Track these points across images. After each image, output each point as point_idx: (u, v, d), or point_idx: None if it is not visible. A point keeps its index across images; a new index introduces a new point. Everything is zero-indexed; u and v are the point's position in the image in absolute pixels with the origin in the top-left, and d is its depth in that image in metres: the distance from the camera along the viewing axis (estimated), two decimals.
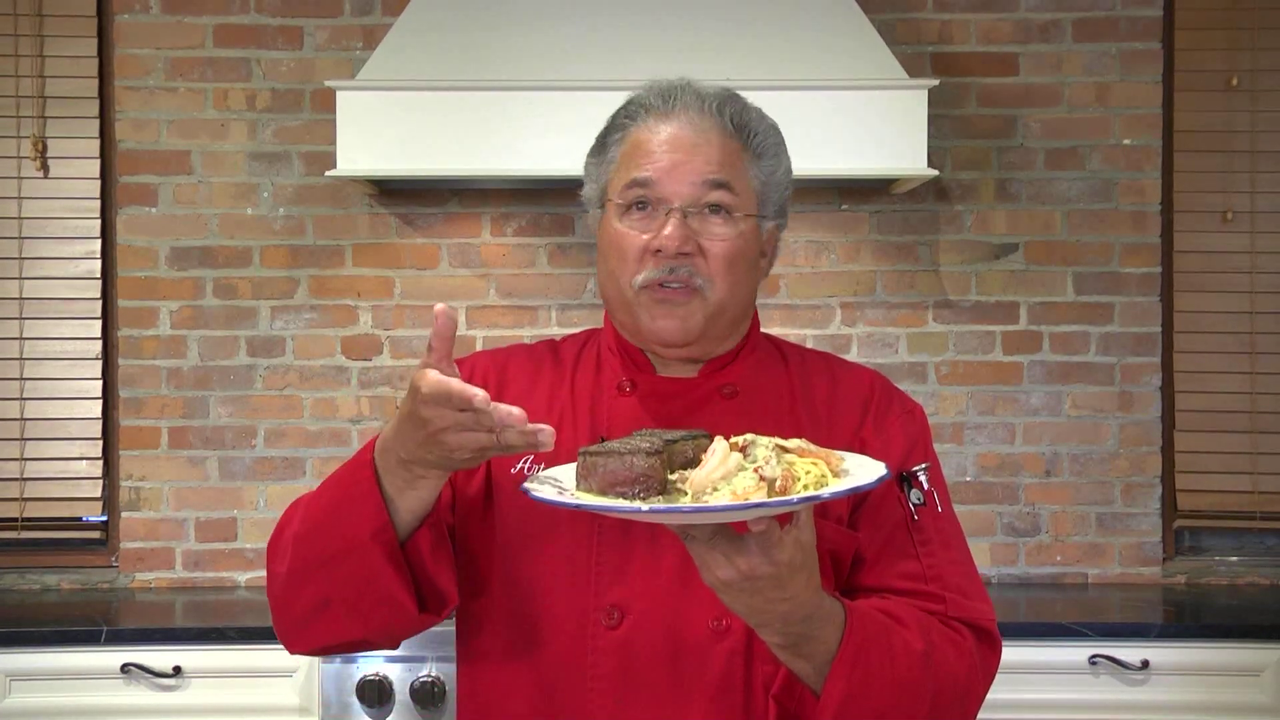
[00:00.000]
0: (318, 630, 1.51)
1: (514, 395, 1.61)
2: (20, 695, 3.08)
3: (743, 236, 1.55)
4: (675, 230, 1.51)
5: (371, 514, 1.42)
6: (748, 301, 1.61)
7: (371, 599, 1.45)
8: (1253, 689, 3.12)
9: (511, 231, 3.70)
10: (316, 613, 1.49)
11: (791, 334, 3.61)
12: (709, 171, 1.53)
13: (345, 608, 1.47)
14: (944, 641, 1.47)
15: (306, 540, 1.48)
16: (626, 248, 1.54)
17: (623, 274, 1.55)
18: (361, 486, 1.43)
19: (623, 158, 1.58)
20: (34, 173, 3.65)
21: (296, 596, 1.50)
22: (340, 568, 1.44)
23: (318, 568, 1.46)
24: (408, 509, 1.43)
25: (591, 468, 1.27)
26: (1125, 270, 3.71)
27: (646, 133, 1.56)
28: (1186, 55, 3.73)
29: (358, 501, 1.43)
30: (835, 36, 3.33)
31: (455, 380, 1.27)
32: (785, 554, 1.25)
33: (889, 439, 1.58)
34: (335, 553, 1.44)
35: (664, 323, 1.53)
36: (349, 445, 3.68)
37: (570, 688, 1.50)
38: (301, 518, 1.50)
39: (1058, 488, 3.71)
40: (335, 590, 1.46)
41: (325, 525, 1.46)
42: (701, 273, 1.52)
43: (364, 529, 1.42)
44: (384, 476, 1.42)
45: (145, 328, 3.67)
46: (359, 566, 1.43)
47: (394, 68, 3.29)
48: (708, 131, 1.55)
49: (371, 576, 1.44)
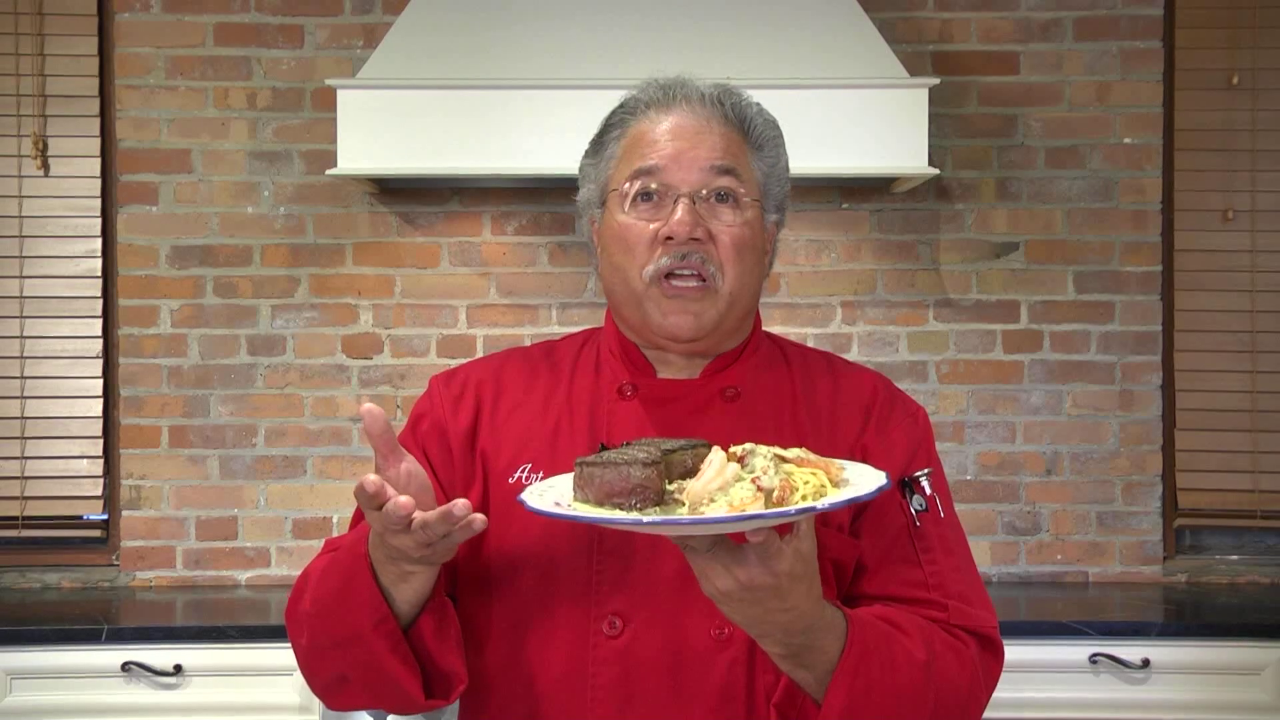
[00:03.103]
0: (344, 700, 1.55)
1: (510, 404, 1.60)
2: (21, 694, 3.08)
3: (749, 225, 1.54)
4: (686, 215, 1.49)
5: (370, 606, 1.43)
6: (755, 292, 1.60)
7: (381, 683, 1.47)
8: (1253, 688, 3.12)
9: (512, 230, 3.70)
10: (338, 687, 1.53)
11: (792, 333, 3.61)
12: (715, 158, 1.52)
13: (361, 686, 1.49)
14: (946, 650, 1.46)
15: (318, 620, 1.49)
16: (634, 238, 1.52)
17: (630, 266, 1.53)
18: (359, 579, 1.44)
19: (624, 151, 1.56)
20: (34, 171, 3.65)
21: (319, 670, 1.53)
22: (349, 653, 1.46)
23: (331, 648, 1.48)
24: (404, 600, 1.44)
25: (588, 479, 1.26)
26: (1126, 269, 3.70)
27: (647, 124, 1.55)
28: (1187, 54, 3.73)
29: (357, 593, 1.44)
30: (836, 35, 3.32)
31: (389, 503, 1.30)
32: (785, 564, 1.25)
33: (891, 445, 1.57)
34: (342, 639, 1.46)
35: (676, 319, 1.52)
36: (349, 444, 3.68)
37: (571, 696, 1.49)
38: (311, 598, 1.51)
39: (1058, 486, 3.71)
40: (349, 670, 1.48)
41: (331, 611, 1.47)
42: (713, 260, 1.51)
43: (365, 620, 1.43)
44: (378, 569, 1.43)
45: (146, 326, 3.67)
46: (365, 654, 1.45)
47: (395, 66, 3.28)
48: (709, 120, 1.54)
49: (377, 665, 1.45)
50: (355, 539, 1.48)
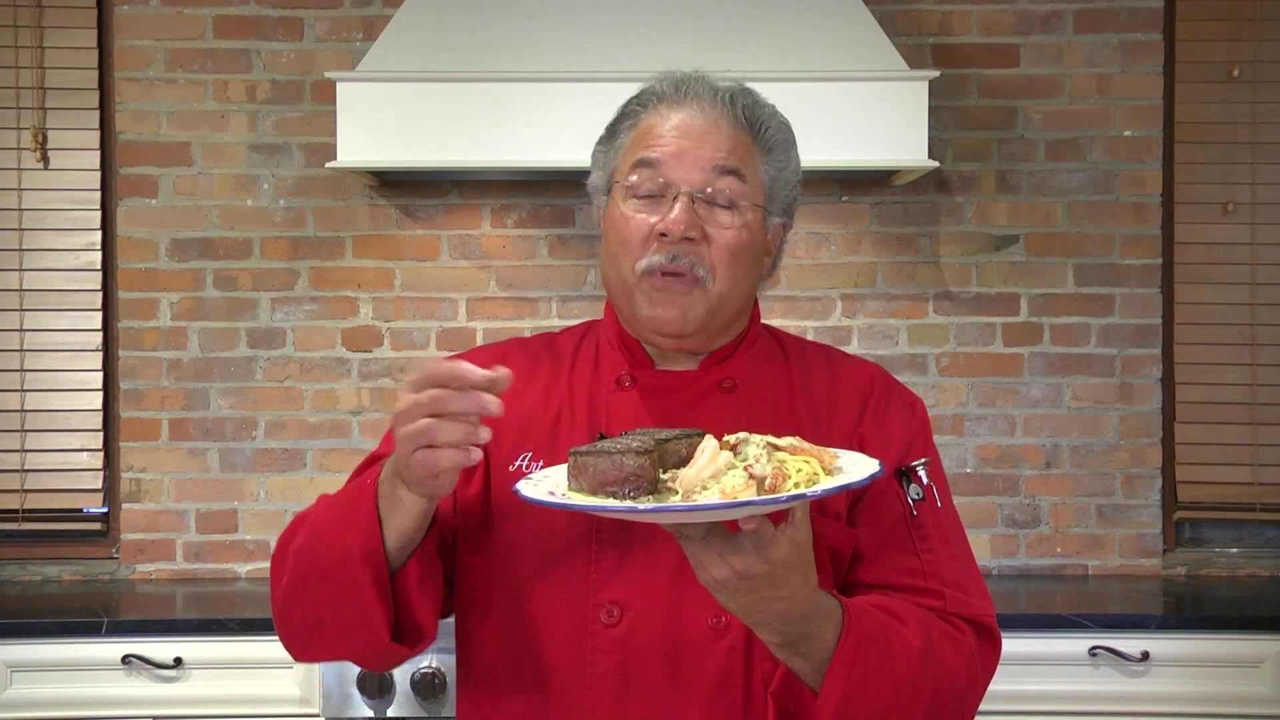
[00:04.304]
0: (315, 648, 1.55)
1: (511, 392, 1.60)
2: (21, 686, 3.09)
3: (748, 228, 1.54)
4: (682, 213, 1.50)
5: (365, 533, 1.43)
6: (748, 295, 1.60)
7: (353, 618, 1.46)
8: (1252, 680, 3.12)
9: (512, 223, 3.70)
10: (311, 632, 1.52)
11: (792, 325, 3.61)
12: (719, 158, 1.52)
13: (335, 627, 1.49)
14: (943, 639, 1.46)
15: (307, 551, 1.49)
16: (631, 231, 1.53)
17: (625, 258, 1.54)
18: (363, 505, 1.44)
19: (632, 142, 1.57)
20: (34, 164, 3.65)
21: (293, 613, 1.53)
22: (331, 584, 1.46)
23: (315, 582, 1.48)
24: (395, 528, 1.43)
25: (582, 468, 1.27)
26: (1126, 262, 3.70)
27: (657, 118, 1.56)
28: (1187, 46, 3.72)
29: (356, 518, 1.44)
30: (836, 28, 3.32)
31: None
32: (780, 553, 1.25)
33: (888, 434, 1.57)
34: (328, 568, 1.46)
35: (663, 311, 1.52)
36: (349, 437, 3.68)
37: (569, 684, 1.49)
38: (307, 529, 1.52)
39: (1058, 479, 3.71)
40: (326, 609, 1.48)
41: (324, 538, 1.47)
42: (704, 262, 1.51)
43: (356, 546, 1.43)
44: (381, 498, 1.43)
45: (146, 319, 3.67)
46: (346, 583, 1.44)
47: (394, 59, 3.28)
48: (718, 120, 1.54)
49: (355, 594, 1.44)
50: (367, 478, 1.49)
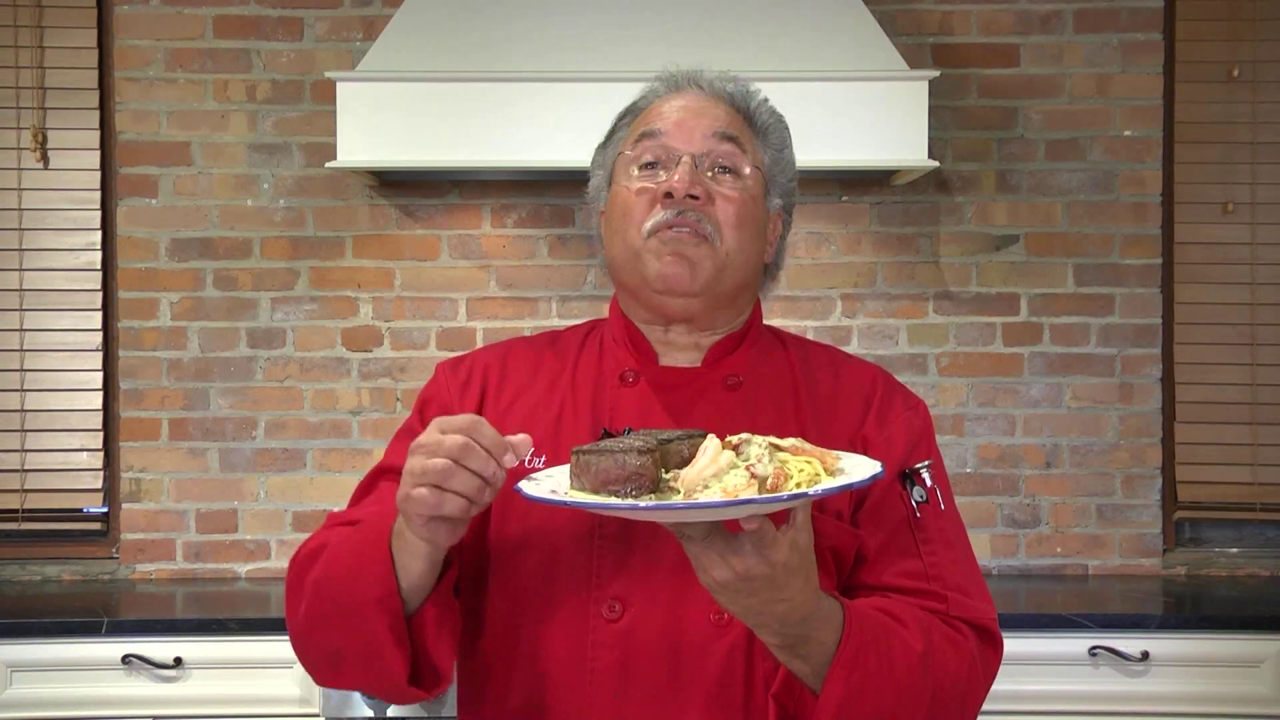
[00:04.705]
0: (334, 678, 1.55)
1: (515, 389, 1.62)
2: (21, 686, 3.09)
3: (751, 194, 1.57)
4: (686, 172, 1.52)
5: (379, 577, 1.42)
6: (754, 267, 1.61)
7: (370, 659, 1.46)
8: (1252, 680, 3.12)
9: (512, 223, 3.70)
10: (329, 662, 1.52)
11: (792, 325, 3.61)
12: (719, 126, 1.56)
13: (354, 662, 1.48)
14: (944, 642, 1.46)
15: (324, 587, 1.48)
16: (635, 201, 1.55)
17: (630, 226, 1.55)
18: (377, 550, 1.44)
19: (632, 129, 1.61)
20: (34, 164, 3.65)
21: (310, 644, 1.53)
22: (347, 625, 1.45)
23: (333, 619, 1.47)
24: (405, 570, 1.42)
25: (584, 466, 1.27)
26: (1126, 261, 3.70)
27: (656, 102, 1.61)
28: (1187, 46, 3.73)
29: (371, 563, 1.43)
30: (836, 28, 3.32)
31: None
32: (781, 554, 1.25)
33: (891, 436, 1.57)
34: (344, 609, 1.45)
35: (672, 267, 1.53)
36: (349, 436, 3.68)
37: (571, 680, 1.49)
38: (323, 564, 1.50)
39: (1058, 479, 3.71)
40: (345, 644, 1.48)
41: (341, 579, 1.46)
42: (711, 219, 1.53)
43: (372, 593, 1.43)
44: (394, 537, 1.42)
45: (146, 319, 3.67)
46: (362, 626, 1.44)
47: (394, 59, 3.28)
48: (716, 101, 1.59)
49: (371, 639, 1.44)
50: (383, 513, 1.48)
